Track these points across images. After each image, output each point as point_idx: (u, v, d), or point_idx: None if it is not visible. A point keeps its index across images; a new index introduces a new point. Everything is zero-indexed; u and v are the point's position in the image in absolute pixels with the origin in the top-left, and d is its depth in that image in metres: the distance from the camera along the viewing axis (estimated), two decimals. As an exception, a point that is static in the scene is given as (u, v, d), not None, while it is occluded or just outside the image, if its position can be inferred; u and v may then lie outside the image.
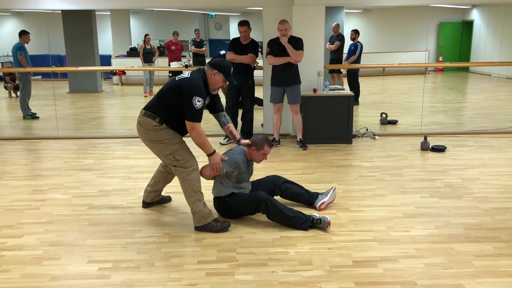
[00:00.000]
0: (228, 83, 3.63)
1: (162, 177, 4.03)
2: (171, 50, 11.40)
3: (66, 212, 4.05)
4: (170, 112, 3.53)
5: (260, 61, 6.89)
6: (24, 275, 2.98)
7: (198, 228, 3.63)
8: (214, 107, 3.78)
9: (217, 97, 3.76)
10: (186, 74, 3.57)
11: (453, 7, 15.97)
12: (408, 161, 5.53)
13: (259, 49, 11.14)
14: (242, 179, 3.83)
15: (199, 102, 3.40)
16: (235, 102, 6.42)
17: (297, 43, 5.88)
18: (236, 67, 6.19)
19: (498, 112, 8.72)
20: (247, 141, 3.85)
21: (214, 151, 3.60)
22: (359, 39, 9.66)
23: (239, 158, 3.74)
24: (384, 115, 7.73)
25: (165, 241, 3.46)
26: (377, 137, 6.75)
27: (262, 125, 7.19)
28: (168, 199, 4.26)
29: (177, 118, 3.52)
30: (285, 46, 5.81)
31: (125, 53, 14.86)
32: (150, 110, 3.56)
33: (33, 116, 8.65)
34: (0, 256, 3.24)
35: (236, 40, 6.35)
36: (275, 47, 5.94)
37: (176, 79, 3.55)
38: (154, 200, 4.13)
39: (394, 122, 7.73)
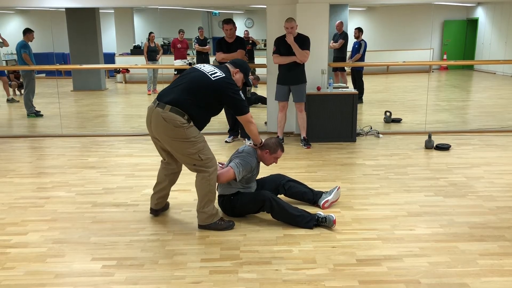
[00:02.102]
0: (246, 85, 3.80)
1: (169, 182, 3.82)
2: (177, 48, 11.40)
3: (70, 210, 4.06)
4: (202, 110, 3.43)
5: (262, 60, 6.88)
6: (29, 272, 2.99)
7: (202, 227, 3.62)
8: None
9: None
10: (214, 70, 3.49)
11: (458, 5, 15.91)
12: (412, 159, 5.51)
13: (250, 44, 11.11)
14: (251, 180, 3.85)
15: (241, 94, 3.53)
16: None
17: (303, 42, 5.87)
18: None
19: (503, 110, 8.68)
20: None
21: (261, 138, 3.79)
22: (363, 37, 9.63)
23: (253, 161, 3.74)
24: (388, 114, 7.71)
25: (168, 239, 3.46)
26: (381, 135, 6.73)
27: (265, 123, 7.19)
28: (168, 205, 4.06)
29: (205, 115, 3.52)
30: (291, 45, 5.79)
31: (129, 51, 14.88)
32: (178, 106, 3.35)
33: (37, 114, 8.67)
34: (5, 254, 3.25)
35: (221, 40, 6.32)
36: (282, 46, 5.93)
37: (211, 78, 3.42)
38: (163, 205, 3.93)
39: (398, 121, 7.70)
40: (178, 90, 3.43)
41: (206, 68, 3.54)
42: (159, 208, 3.92)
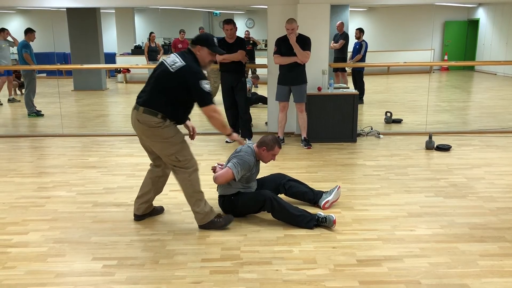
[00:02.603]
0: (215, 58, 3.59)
1: (152, 186, 3.74)
2: (178, 48, 11.40)
3: (71, 210, 4.06)
4: (171, 104, 3.37)
5: (263, 60, 6.89)
6: (29, 271, 3.00)
7: (203, 227, 3.62)
8: None
9: None
10: (175, 59, 3.37)
11: (459, 6, 15.91)
12: (412, 160, 5.51)
13: (250, 44, 11.12)
14: (251, 179, 3.84)
15: (207, 84, 3.34)
16: (233, 101, 6.39)
17: (304, 42, 5.87)
18: (228, 66, 6.22)
19: (504, 111, 8.68)
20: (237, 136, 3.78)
21: (232, 129, 3.64)
22: (364, 37, 9.64)
23: (251, 160, 3.74)
24: (388, 114, 7.71)
25: (169, 239, 3.47)
26: (381, 136, 6.73)
27: (266, 123, 7.19)
28: (160, 210, 3.97)
29: (178, 108, 3.42)
30: (293, 46, 5.79)
31: (130, 51, 14.89)
32: (150, 107, 3.35)
33: (38, 114, 8.68)
34: (6, 253, 3.25)
35: (222, 40, 6.32)
36: (283, 46, 5.93)
37: (170, 69, 3.33)
38: (147, 211, 3.82)
39: (398, 121, 7.71)
40: (149, 90, 3.43)
41: (169, 59, 3.42)
42: (141, 213, 3.80)
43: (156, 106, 3.36)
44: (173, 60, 3.38)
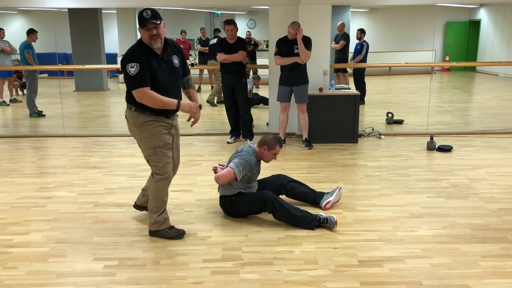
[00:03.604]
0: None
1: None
2: None
3: (72, 210, 4.06)
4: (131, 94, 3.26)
5: (264, 61, 6.89)
6: (30, 272, 3.00)
7: (151, 233, 3.53)
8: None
9: (184, 60, 3.51)
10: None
11: (460, 7, 15.89)
12: (414, 161, 5.51)
13: (252, 44, 11.13)
14: (252, 179, 3.84)
15: (132, 68, 3.10)
16: (234, 101, 6.39)
17: (305, 42, 5.87)
18: (229, 67, 6.22)
19: (505, 112, 8.66)
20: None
21: (179, 101, 3.27)
22: (365, 38, 9.63)
23: (252, 160, 3.74)
24: (390, 115, 7.70)
25: (170, 240, 3.46)
26: (383, 136, 6.72)
27: (267, 124, 7.19)
28: None
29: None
30: (298, 44, 5.80)
31: (131, 52, 14.87)
32: (127, 101, 3.34)
33: (40, 114, 8.69)
34: (7, 253, 3.25)
35: (223, 40, 6.33)
36: (283, 47, 5.93)
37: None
38: (144, 205, 3.83)
39: (400, 122, 7.70)
40: None
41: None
42: (139, 204, 3.86)
43: (129, 99, 3.32)
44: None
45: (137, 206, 3.92)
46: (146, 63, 3.17)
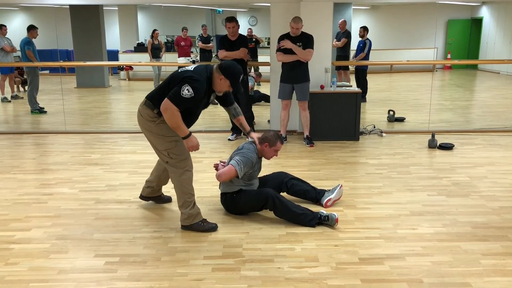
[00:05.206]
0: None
1: (157, 174, 3.90)
2: (180, 46, 11.41)
3: (74, 206, 4.07)
4: None
5: (266, 58, 6.88)
6: (32, 268, 3.01)
7: (184, 227, 3.57)
8: (224, 100, 3.73)
9: (228, 91, 3.62)
10: (190, 67, 3.43)
11: (462, 4, 15.86)
12: (415, 158, 5.50)
13: (253, 42, 11.12)
14: (253, 176, 3.84)
15: (188, 91, 3.19)
16: (235, 98, 6.39)
17: (307, 40, 5.86)
18: None
19: (507, 110, 8.65)
20: (257, 134, 3.83)
21: (190, 133, 3.37)
22: (368, 36, 9.61)
23: (253, 157, 3.74)
24: (391, 113, 7.70)
25: (171, 236, 3.47)
26: (384, 134, 6.72)
27: (269, 121, 7.19)
28: (167, 199, 4.11)
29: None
30: (292, 48, 5.79)
31: (133, 49, 14.90)
32: (151, 100, 3.42)
33: (41, 111, 8.69)
34: (8, 249, 3.26)
35: (224, 37, 6.32)
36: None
37: (179, 70, 3.42)
38: (150, 195, 4.01)
39: (401, 120, 7.69)
40: (157, 87, 3.49)
41: (188, 67, 3.44)
42: (145, 195, 4.03)
43: (155, 101, 3.39)
44: (187, 68, 3.41)
45: (142, 197, 4.07)
46: (199, 98, 3.31)
